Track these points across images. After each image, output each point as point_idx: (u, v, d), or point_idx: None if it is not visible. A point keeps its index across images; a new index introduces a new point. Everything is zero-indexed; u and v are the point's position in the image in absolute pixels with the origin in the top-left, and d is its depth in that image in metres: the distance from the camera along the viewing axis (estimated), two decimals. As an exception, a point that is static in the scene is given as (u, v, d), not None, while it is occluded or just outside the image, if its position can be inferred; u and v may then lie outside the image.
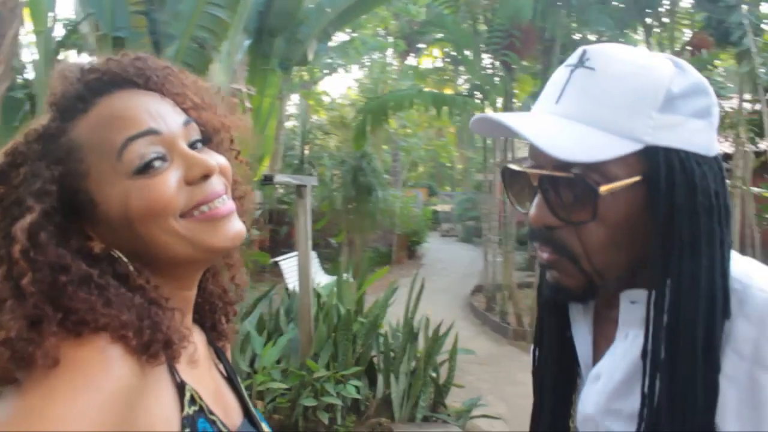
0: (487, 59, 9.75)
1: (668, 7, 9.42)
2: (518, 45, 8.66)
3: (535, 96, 12.59)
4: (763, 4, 6.66)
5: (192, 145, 0.85)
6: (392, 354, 5.36)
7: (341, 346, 5.16)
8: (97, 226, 0.81)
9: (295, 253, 8.02)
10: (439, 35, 10.82)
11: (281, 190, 12.73)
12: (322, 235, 12.56)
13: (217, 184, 0.85)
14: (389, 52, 19.29)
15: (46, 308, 0.71)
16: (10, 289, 0.72)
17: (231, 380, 1.01)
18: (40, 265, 0.73)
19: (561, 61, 0.90)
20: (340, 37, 16.42)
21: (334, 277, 7.71)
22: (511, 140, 10.31)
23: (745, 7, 5.35)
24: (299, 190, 5.29)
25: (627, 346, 0.92)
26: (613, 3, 9.40)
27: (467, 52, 9.31)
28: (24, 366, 0.68)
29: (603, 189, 0.82)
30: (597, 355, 0.98)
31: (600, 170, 0.82)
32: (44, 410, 0.65)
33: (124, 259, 0.81)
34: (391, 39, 19.02)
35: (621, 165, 0.83)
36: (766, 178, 5.18)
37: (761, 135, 5.18)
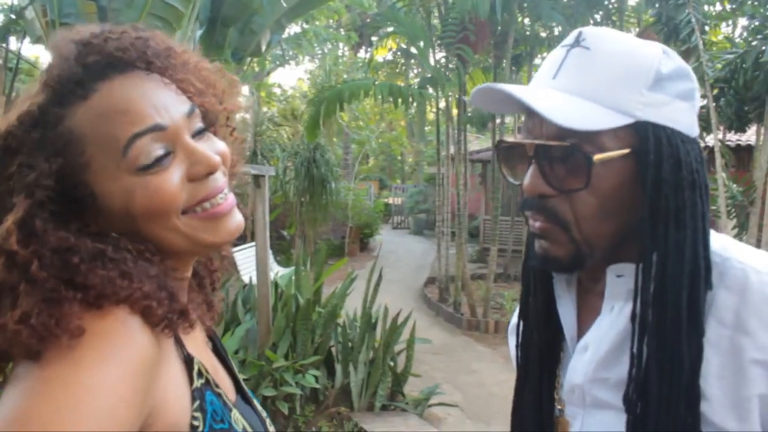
0: (440, 53, 9.82)
1: (616, 5, 9.63)
2: (472, 39, 8.75)
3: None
4: (706, 4, 6.90)
5: (195, 134, 0.83)
6: (350, 344, 5.38)
7: (300, 336, 5.16)
8: (96, 217, 0.79)
9: (249, 244, 7.95)
10: (392, 28, 10.84)
11: (234, 181, 12.55)
12: (274, 227, 12.45)
13: (219, 178, 0.84)
14: (341, 44, 19.23)
15: (62, 290, 0.70)
16: (18, 276, 0.70)
17: (222, 358, 1.02)
18: (44, 252, 0.72)
19: (513, 56, 0.95)
20: (292, 29, 16.31)
21: (289, 269, 7.68)
22: (464, 133, 10.42)
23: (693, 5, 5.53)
24: (257, 180, 5.24)
25: (613, 318, 0.96)
26: (563, 0, 9.59)
27: (421, 44, 9.32)
28: (45, 340, 0.67)
29: (597, 158, 0.86)
30: (582, 328, 1.02)
31: (593, 141, 0.87)
32: (73, 378, 0.64)
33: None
34: (343, 31, 18.97)
35: (612, 138, 0.87)
36: (713, 171, 5.37)
37: (708, 130, 5.36)
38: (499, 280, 11.48)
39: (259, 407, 1.03)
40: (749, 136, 8.72)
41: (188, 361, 0.82)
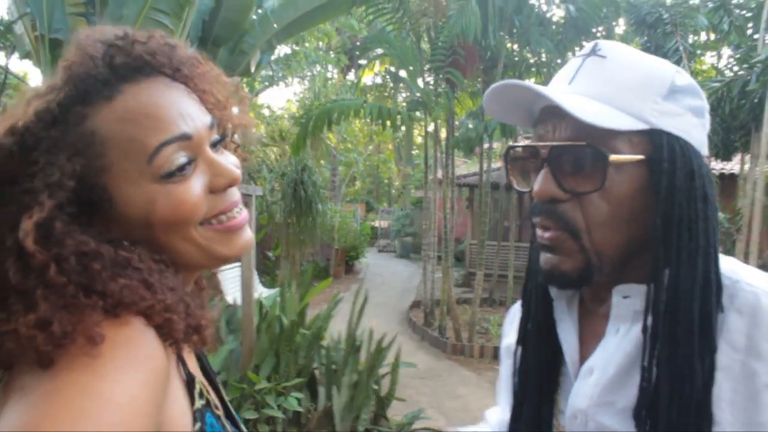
0: (429, 76, 9.86)
1: (604, 33, 9.75)
2: (462, 62, 8.80)
3: (473, 115, 12.86)
4: (692, 34, 7.01)
5: (212, 146, 0.82)
6: (334, 366, 5.32)
7: (283, 358, 5.09)
8: (110, 223, 0.76)
9: (234, 264, 7.88)
10: (381, 51, 10.90)
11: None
12: (259, 248, 12.38)
13: (235, 192, 0.84)
14: (330, 66, 19.31)
15: (81, 297, 0.67)
16: (35, 280, 0.67)
17: (210, 378, 0.98)
18: (64, 255, 0.68)
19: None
20: (282, 50, 16.37)
21: (273, 290, 7.61)
22: (452, 157, 10.45)
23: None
24: (243, 199, 5.20)
25: (619, 340, 0.93)
26: (552, 27, 9.69)
27: (411, 68, 9.37)
28: (63, 347, 0.64)
29: (612, 158, 0.85)
30: (584, 352, 0.99)
31: (608, 144, 0.86)
32: (93, 387, 0.61)
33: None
34: (333, 54, 19.07)
35: (627, 143, 0.87)
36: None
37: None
38: (485, 304, 11.45)
39: (244, 430, 0.99)
40: (733, 164, 8.81)
41: (190, 380, 0.79)
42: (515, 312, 1.18)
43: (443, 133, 10.48)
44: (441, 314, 9.88)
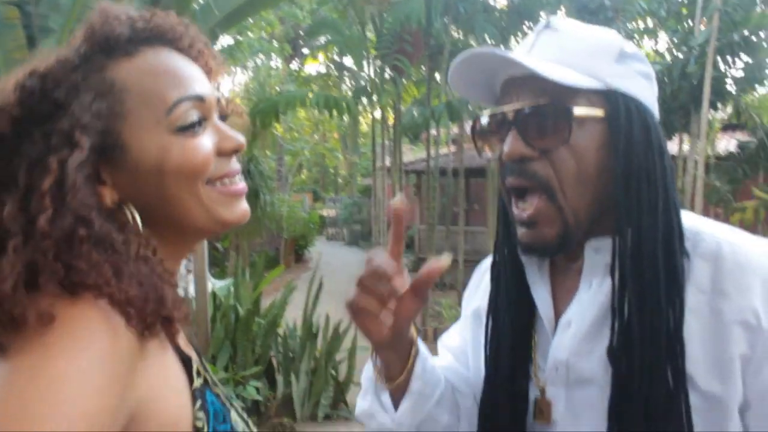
0: (375, 64, 9.89)
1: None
2: (409, 49, 8.85)
3: (418, 102, 12.92)
4: (631, 20, 7.22)
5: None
6: (291, 354, 5.32)
7: (240, 347, 5.07)
8: (119, 173, 0.76)
9: (184, 256, 7.75)
10: (325, 39, 10.86)
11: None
12: (207, 240, 12.23)
13: (237, 162, 0.86)
14: (274, 56, 19.12)
15: (49, 258, 0.66)
16: (20, 225, 0.66)
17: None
18: (65, 209, 0.68)
19: (447, 69, 1.02)
20: (225, 40, 16.11)
21: (224, 281, 7.54)
22: (400, 144, 10.51)
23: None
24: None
25: (592, 294, 0.98)
26: (496, 14, 9.83)
27: (358, 55, 9.37)
28: (13, 327, 0.63)
29: (576, 110, 0.91)
30: (558, 308, 1.04)
31: (569, 103, 0.92)
32: (44, 368, 0.60)
33: (137, 217, 0.77)
34: (276, 43, 18.86)
35: (586, 102, 0.93)
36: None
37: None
38: (436, 288, 11.56)
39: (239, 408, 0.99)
40: (672, 145, 9.12)
41: (186, 360, 0.80)
42: (481, 274, 1.23)
43: (390, 120, 10.53)
44: (393, 300, 9.91)
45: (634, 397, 0.89)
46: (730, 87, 6.74)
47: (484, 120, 1.02)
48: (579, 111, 0.92)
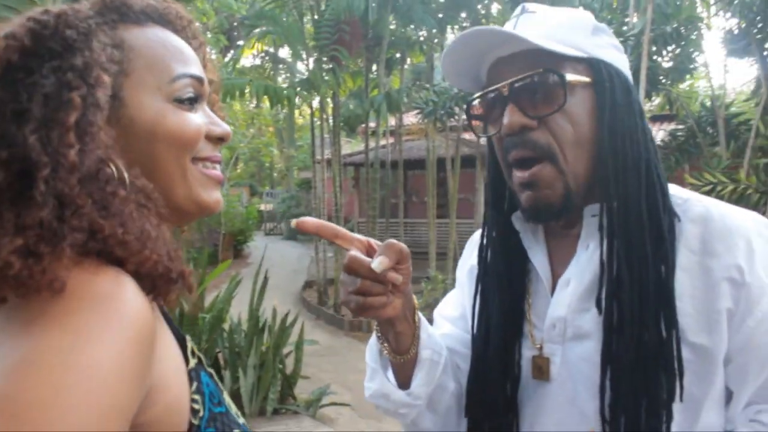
0: (314, 55, 9.80)
1: (483, 12, 10.05)
2: (347, 39, 8.81)
3: (355, 94, 12.88)
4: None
5: None
6: (237, 349, 5.24)
7: (185, 343, 4.95)
8: (112, 128, 0.72)
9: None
10: (260, 30, 10.69)
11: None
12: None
13: (219, 152, 0.85)
14: (209, 47, 18.74)
15: (79, 193, 0.62)
16: (49, 156, 0.62)
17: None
18: (89, 148, 0.65)
19: (387, 60, 1.05)
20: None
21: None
22: (339, 136, 10.46)
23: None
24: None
25: (590, 254, 1.03)
26: (433, 5, 9.88)
27: (296, 46, 9.27)
28: (23, 293, 0.58)
29: (569, 76, 0.97)
30: (556, 270, 1.08)
31: (559, 72, 0.97)
32: (72, 351, 0.55)
33: (125, 175, 0.71)
34: (210, 35, 18.50)
35: (573, 70, 0.98)
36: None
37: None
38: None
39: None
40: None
41: (181, 339, 0.76)
42: (475, 244, 1.25)
43: (329, 112, 10.47)
44: (335, 293, 9.92)
45: (626, 346, 0.94)
46: (662, 77, 6.96)
47: (478, 102, 1.07)
48: (570, 77, 0.97)
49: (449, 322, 1.26)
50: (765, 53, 6.22)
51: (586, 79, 0.99)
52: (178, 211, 0.80)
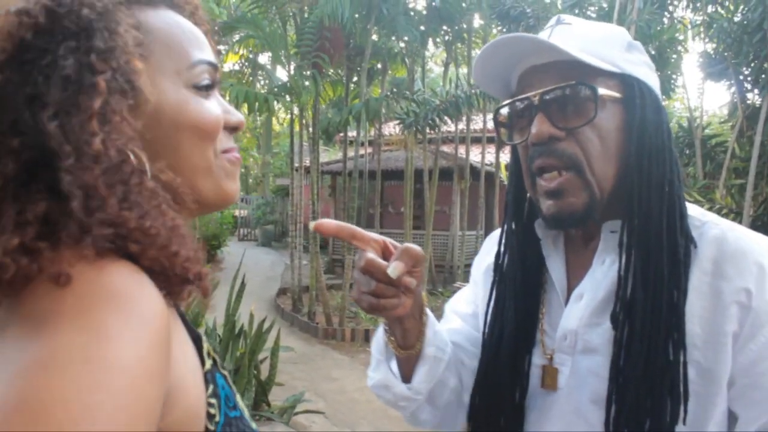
0: (295, 63, 9.79)
1: (465, 26, 10.14)
2: (329, 47, 8.82)
3: (334, 103, 12.85)
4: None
5: None
6: (213, 353, 5.18)
7: (160, 347, 4.88)
8: (133, 117, 0.68)
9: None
10: (241, 35, 10.66)
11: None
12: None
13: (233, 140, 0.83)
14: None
15: (103, 185, 0.58)
16: (72, 144, 0.58)
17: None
18: (113, 137, 0.60)
19: (367, 70, 1.06)
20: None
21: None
22: (317, 146, 10.44)
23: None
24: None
25: (605, 270, 1.04)
26: (416, 17, 9.94)
27: (278, 52, 9.26)
28: (19, 286, 0.55)
29: (601, 90, 0.97)
30: (571, 282, 1.10)
31: (592, 86, 0.98)
32: (94, 349, 0.51)
33: (147, 165, 0.67)
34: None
35: (604, 85, 0.99)
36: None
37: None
38: (352, 290, 11.55)
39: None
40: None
41: (197, 338, 0.74)
42: (494, 242, 1.25)
43: (311, 119, 10.45)
44: (310, 300, 9.88)
45: (633, 364, 0.95)
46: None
47: (507, 108, 1.07)
48: (602, 91, 0.97)
49: (460, 318, 1.28)
50: (741, 77, 6.35)
51: (617, 95, 0.99)
52: (200, 204, 0.77)
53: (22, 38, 0.61)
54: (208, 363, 0.73)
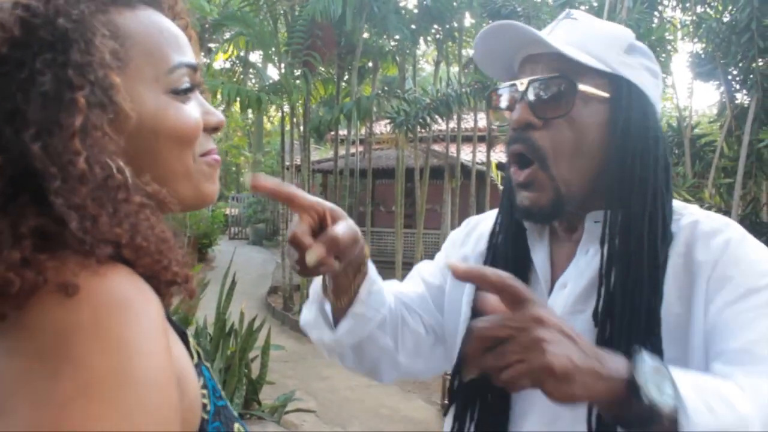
0: (286, 61, 9.78)
1: (456, 25, 10.15)
2: (320, 45, 8.82)
3: (325, 102, 12.83)
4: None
5: None
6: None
7: (150, 345, 4.88)
8: (113, 129, 0.68)
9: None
10: (233, 32, 10.63)
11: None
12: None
13: (213, 141, 0.82)
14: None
15: (90, 204, 0.58)
16: (57, 166, 0.58)
17: None
18: (97, 157, 0.61)
19: (358, 69, 1.07)
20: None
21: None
22: (309, 143, 10.44)
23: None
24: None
25: (588, 259, 1.07)
26: (407, 15, 9.95)
27: (268, 50, 9.25)
28: (24, 298, 0.55)
29: (581, 86, 1.00)
30: (555, 272, 1.12)
31: (578, 80, 1.01)
32: (125, 368, 0.53)
33: (128, 173, 0.67)
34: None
35: (593, 83, 1.02)
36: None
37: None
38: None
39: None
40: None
41: (183, 334, 0.74)
42: (471, 227, 1.31)
43: (302, 117, 10.45)
44: (301, 298, 9.87)
45: None
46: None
47: (501, 92, 1.11)
48: (584, 87, 1.00)
49: (424, 285, 1.29)
50: (729, 77, 6.38)
51: (604, 94, 1.02)
52: (181, 206, 0.78)
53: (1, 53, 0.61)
54: (196, 357, 0.74)
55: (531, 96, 1.03)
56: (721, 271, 0.96)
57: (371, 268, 1.09)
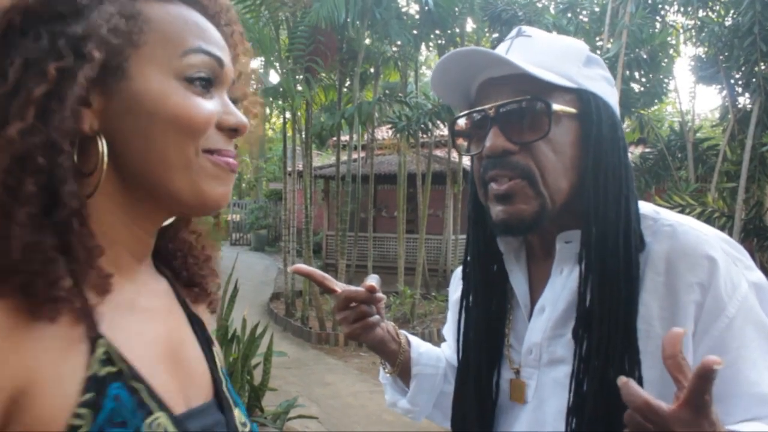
0: (287, 66, 9.77)
1: (458, 30, 10.16)
2: (323, 50, 8.81)
3: (327, 108, 12.84)
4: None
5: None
6: (206, 358, 5.16)
7: (152, 352, 4.85)
8: (110, 101, 0.69)
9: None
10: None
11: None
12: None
13: (234, 147, 0.79)
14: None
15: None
16: None
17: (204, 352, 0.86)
18: (43, 127, 0.62)
19: (360, 74, 1.07)
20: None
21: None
22: (310, 151, 10.43)
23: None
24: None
25: (563, 280, 1.05)
26: (409, 21, 9.96)
27: (270, 56, 9.25)
28: None
29: (555, 106, 0.97)
30: (534, 294, 1.11)
31: (546, 101, 0.98)
32: None
33: (105, 152, 0.69)
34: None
35: (561, 100, 0.99)
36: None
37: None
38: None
39: (241, 419, 0.86)
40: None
41: (93, 341, 0.66)
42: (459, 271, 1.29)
43: (303, 123, 10.44)
44: (303, 305, 9.85)
45: (591, 377, 0.96)
46: (634, 102, 7.10)
47: (464, 120, 1.07)
48: (556, 107, 0.98)
49: (446, 341, 1.40)
50: (732, 81, 6.38)
51: (573, 110, 0.99)
52: (178, 203, 0.75)
53: (10, 21, 0.64)
54: (102, 369, 0.65)
55: (503, 121, 0.99)
56: (712, 297, 0.94)
57: (413, 337, 1.30)
